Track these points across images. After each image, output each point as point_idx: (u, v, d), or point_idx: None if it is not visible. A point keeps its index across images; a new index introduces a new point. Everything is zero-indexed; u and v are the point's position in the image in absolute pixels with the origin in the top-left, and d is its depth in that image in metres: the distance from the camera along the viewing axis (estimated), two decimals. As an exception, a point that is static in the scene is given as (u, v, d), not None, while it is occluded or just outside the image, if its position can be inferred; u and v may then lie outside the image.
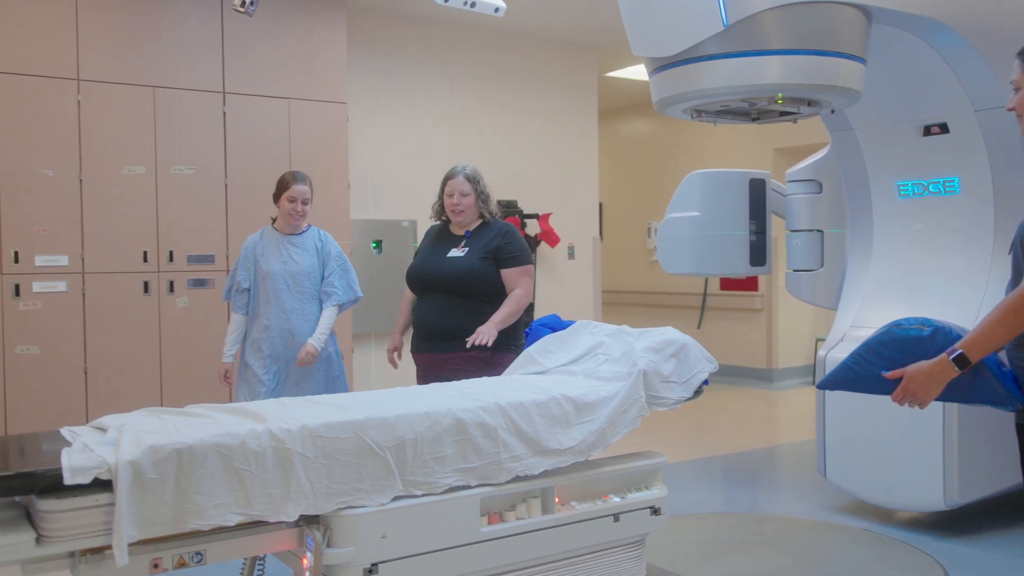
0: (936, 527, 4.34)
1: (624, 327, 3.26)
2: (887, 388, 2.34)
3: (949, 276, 4.39)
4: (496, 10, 5.04)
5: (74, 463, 2.05)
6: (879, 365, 2.36)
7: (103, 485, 2.07)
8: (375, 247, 7.03)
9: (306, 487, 2.30)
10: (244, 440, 2.24)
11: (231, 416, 2.43)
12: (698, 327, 9.65)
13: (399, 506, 2.43)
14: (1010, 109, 2.31)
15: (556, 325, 3.53)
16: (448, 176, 3.94)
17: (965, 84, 4.21)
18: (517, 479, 2.64)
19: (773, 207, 5.24)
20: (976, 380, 2.24)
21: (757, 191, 5.14)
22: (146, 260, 5.61)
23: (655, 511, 2.90)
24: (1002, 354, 2.29)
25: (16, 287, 5.23)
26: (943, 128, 4.40)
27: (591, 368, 3.08)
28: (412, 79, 7.34)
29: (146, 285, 5.61)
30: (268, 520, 2.27)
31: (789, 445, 6.50)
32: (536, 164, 8.01)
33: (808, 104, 4.02)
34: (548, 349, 3.31)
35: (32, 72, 5.29)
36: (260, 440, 2.26)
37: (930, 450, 4.15)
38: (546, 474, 2.70)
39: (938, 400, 2.29)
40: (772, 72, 3.75)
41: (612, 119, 10.57)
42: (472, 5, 4.89)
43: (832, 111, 4.20)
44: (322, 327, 4.25)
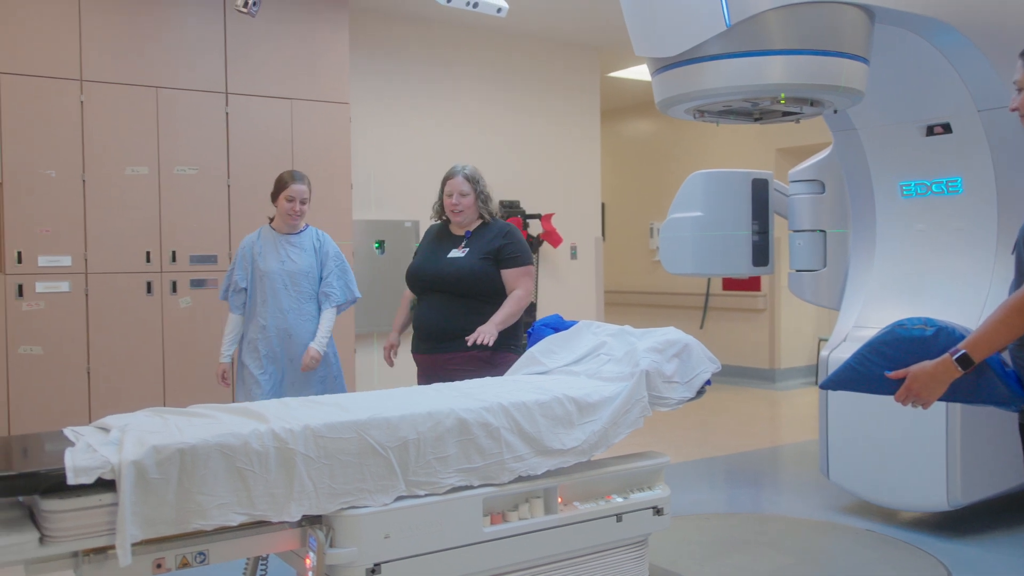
0: (939, 527, 4.34)
1: (627, 327, 3.26)
2: (890, 388, 2.34)
3: (952, 276, 4.39)
4: (498, 10, 5.05)
5: (77, 463, 2.05)
6: (882, 365, 2.36)
7: (106, 485, 2.07)
8: (377, 247, 7.03)
9: (309, 487, 2.30)
10: (247, 440, 2.24)
11: (234, 416, 2.44)
12: (700, 327, 9.64)
13: (402, 506, 2.43)
14: (1013, 109, 2.31)
15: (558, 325, 3.53)
16: (447, 176, 3.92)
17: (968, 84, 4.21)
18: (520, 479, 2.64)
19: (776, 207, 5.24)
20: (979, 380, 2.24)
21: (760, 191, 5.15)
22: (149, 260, 5.62)
23: (658, 511, 2.90)
24: (1005, 354, 2.28)
25: (19, 287, 5.24)
26: (946, 128, 4.40)
27: (594, 368, 3.08)
28: (414, 79, 7.34)
29: (149, 285, 5.61)
30: (271, 520, 2.27)
31: (792, 445, 6.49)
32: (538, 164, 8.00)
33: (811, 104, 4.01)
34: (551, 349, 3.30)
35: (35, 73, 5.30)
36: (263, 440, 2.26)
37: (933, 450, 4.15)
38: (549, 474, 2.70)
39: (941, 400, 2.28)
40: (775, 72, 3.75)
41: (614, 119, 10.57)
42: (474, 5, 4.90)
43: (835, 111, 4.20)
44: (323, 330, 4.24)
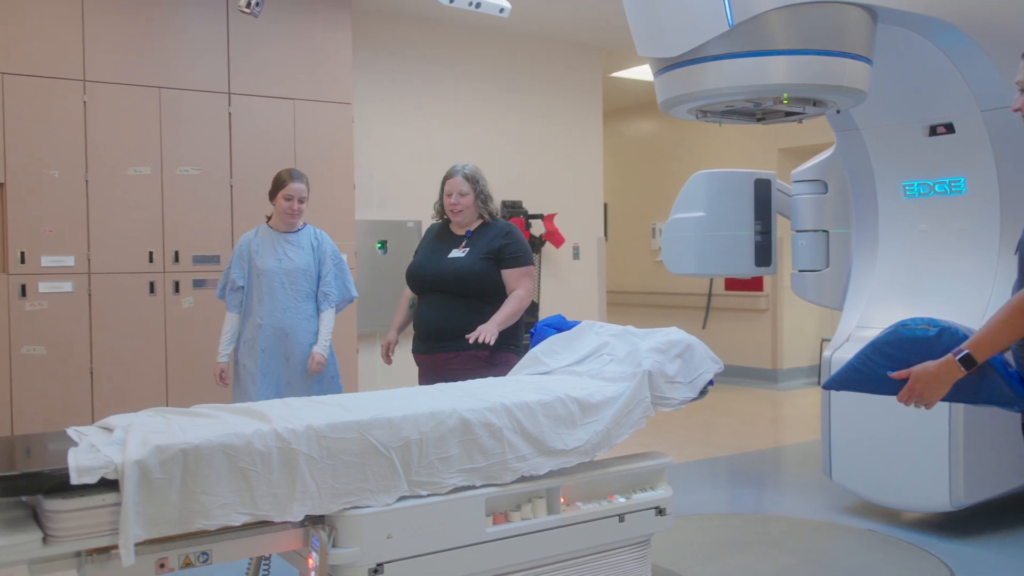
0: (942, 528, 4.33)
1: (629, 327, 3.26)
2: (893, 388, 2.33)
3: (955, 276, 4.38)
4: (501, 11, 5.05)
5: (81, 463, 2.05)
6: (885, 365, 2.35)
7: (109, 485, 2.08)
8: (380, 247, 7.04)
9: (311, 487, 2.31)
10: (250, 440, 2.24)
11: (237, 416, 2.44)
12: (703, 327, 9.64)
13: (404, 506, 2.43)
14: (1016, 109, 2.30)
15: (561, 325, 3.52)
16: (447, 175, 3.92)
17: (971, 84, 4.20)
18: (522, 479, 2.64)
19: (778, 207, 5.23)
20: (982, 381, 2.23)
21: (762, 191, 5.14)
22: (151, 260, 5.63)
23: (660, 511, 2.90)
24: (1008, 355, 2.28)
25: (22, 287, 5.24)
26: (949, 128, 4.39)
27: (596, 368, 3.08)
28: (417, 80, 7.34)
29: (151, 285, 5.62)
30: (274, 520, 2.27)
31: (794, 445, 6.48)
32: (541, 164, 8.00)
33: (813, 104, 4.01)
34: (553, 349, 3.30)
35: (38, 73, 5.30)
36: (266, 440, 2.27)
37: (936, 451, 4.14)
38: (551, 474, 2.70)
39: (944, 400, 2.28)
40: (777, 72, 3.75)
41: (617, 119, 10.57)
42: (477, 6, 4.90)
43: (838, 111, 4.19)
44: (324, 332, 4.25)
